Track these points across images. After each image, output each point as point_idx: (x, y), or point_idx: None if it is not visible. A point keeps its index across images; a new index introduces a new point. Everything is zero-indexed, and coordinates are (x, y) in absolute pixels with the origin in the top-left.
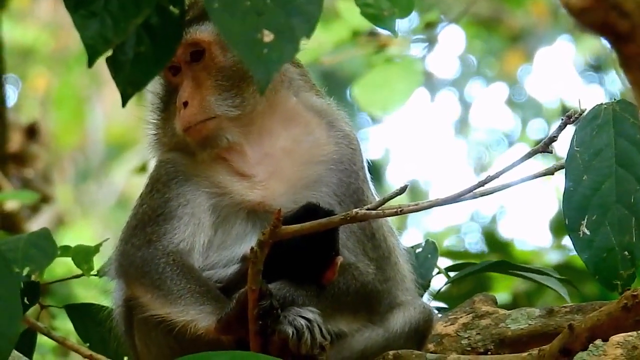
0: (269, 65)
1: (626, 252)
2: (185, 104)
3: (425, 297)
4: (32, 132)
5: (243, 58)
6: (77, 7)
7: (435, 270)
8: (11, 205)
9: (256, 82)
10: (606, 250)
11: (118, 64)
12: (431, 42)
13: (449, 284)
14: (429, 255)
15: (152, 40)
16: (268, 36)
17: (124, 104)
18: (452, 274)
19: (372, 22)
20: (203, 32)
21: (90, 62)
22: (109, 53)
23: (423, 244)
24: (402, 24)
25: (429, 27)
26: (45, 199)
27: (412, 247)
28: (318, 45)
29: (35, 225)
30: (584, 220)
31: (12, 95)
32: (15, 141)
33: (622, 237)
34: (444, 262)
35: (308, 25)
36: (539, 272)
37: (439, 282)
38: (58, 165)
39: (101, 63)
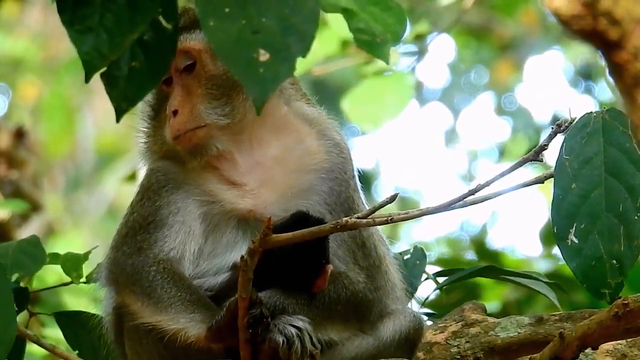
0: (264, 85)
1: (614, 261)
2: (175, 112)
3: (414, 304)
4: (19, 135)
5: (239, 77)
6: (73, 22)
7: (424, 276)
8: (1, 214)
9: (252, 102)
10: (595, 258)
11: (113, 79)
12: (421, 52)
13: (438, 291)
14: (418, 262)
15: (146, 56)
16: (264, 55)
17: (118, 119)
18: (441, 279)
19: (365, 50)
20: (193, 41)
21: (87, 78)
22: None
23: (411, 250)
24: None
25: (419, 38)
26: (35, 207)
27: (401, 253)
28: (309, 55)
29: (25, 233)
30: (572, 228)
31: (2, 105)
32: (3, 139)
33: (611, 246)
34: (434, 271)
35: (304, 43)
36: (528, 277)
37: (428, 288)
38: (48, 174)
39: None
